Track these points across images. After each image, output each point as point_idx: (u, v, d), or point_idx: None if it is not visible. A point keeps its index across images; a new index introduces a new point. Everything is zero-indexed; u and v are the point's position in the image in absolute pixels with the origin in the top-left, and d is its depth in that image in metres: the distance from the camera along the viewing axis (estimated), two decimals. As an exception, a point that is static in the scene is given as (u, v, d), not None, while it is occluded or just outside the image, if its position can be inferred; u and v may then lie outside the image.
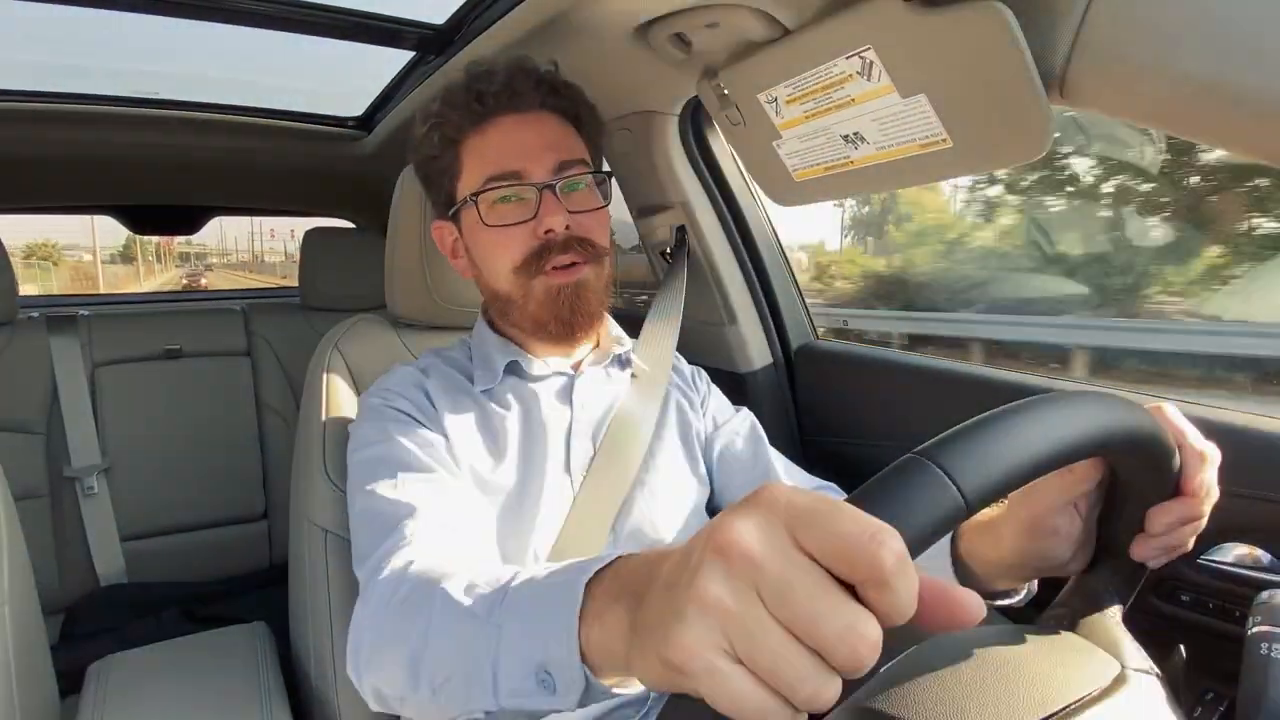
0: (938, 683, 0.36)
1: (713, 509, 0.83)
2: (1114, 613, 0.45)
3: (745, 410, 0.89)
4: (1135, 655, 0.41)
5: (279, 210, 2.36)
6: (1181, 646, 0.48)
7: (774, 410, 1.18)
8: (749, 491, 0.74)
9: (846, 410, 1.12)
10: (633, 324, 0.92)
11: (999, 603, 0.60)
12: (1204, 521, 0.45)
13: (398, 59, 1.26)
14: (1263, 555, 0.66)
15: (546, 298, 0.72)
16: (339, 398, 0.89)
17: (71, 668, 1.12)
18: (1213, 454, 0.45)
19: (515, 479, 0.72)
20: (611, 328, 0.85)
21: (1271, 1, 0.45)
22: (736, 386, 1.18)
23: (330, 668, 0.81)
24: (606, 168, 0.82)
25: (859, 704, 0.37)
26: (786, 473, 0.82)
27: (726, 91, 0.87)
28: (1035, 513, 0.50)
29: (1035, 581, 0.58)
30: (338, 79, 1.49)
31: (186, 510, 1.65)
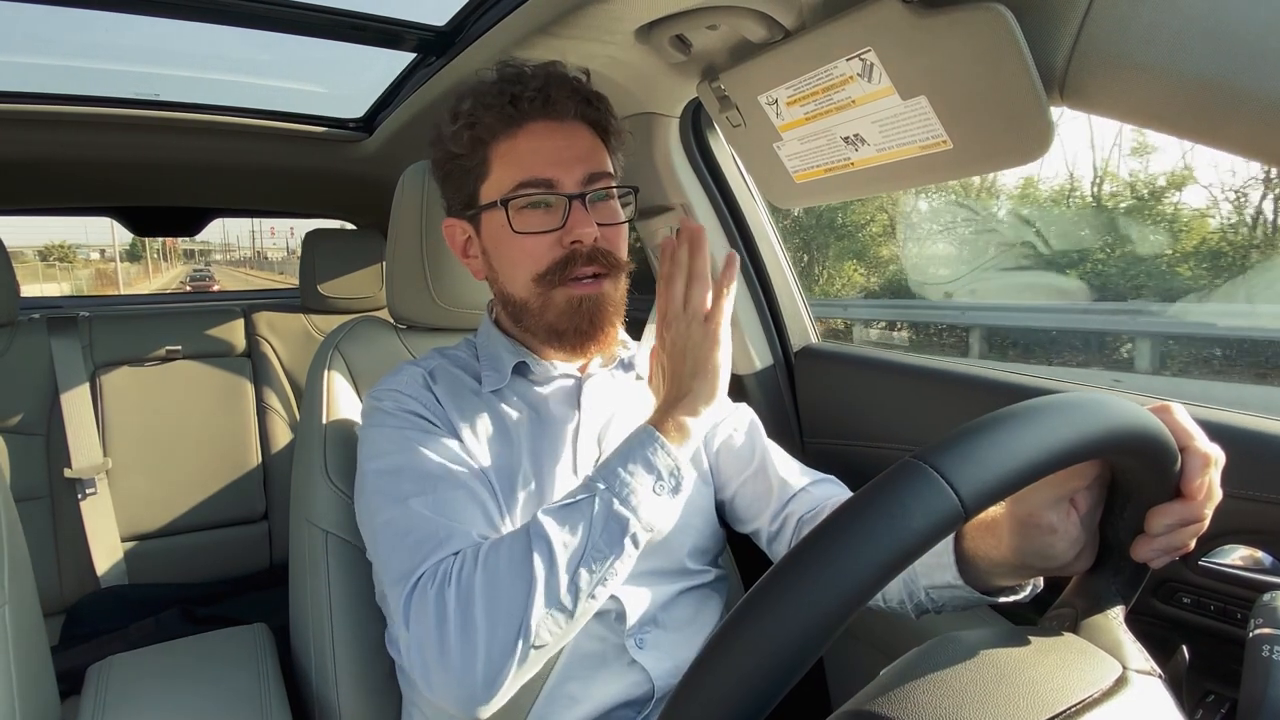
0: (938, 685, 0.36)
1: (718, 506, 0.83)
2: (1116, 613, 0.45)
3: (744, 406, 0.89)
4: (1137, 657, 0.41)
5: (280, 212, 2.36)
6: (1184, 647, 0.48)
7: (774, 412, 1.18)
8: (747, 487, 0.76)
9: (847, 412, 1.12)
10: (633, 325, 0.92)
11: (1005, 599, 0.60)
12: (1205, 524, 0.45)
13: (399, 61, 1.26)
14: (1264, 557, 0.66)
15: (568, 308, 0.71)
16: (340, 399, 0.89)
17: (72, 669, 1.12)
18: (1218, 457, 0.45)
19: (524, 481, 0.72)
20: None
21: (1272, 3, 0.45)
22: (737, 388, 1.18)
23: (331, 669, 0.81)
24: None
25: (859, 706, 0.36)
26: (783, 466, 0.82)
27: (727, 93, 0.88)
28: (1027, 510, 0.50)
29: (1041, 577, 0.58)
30: (339, 81, 1.49)
31: (187, 511, 1.65)
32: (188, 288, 27.28)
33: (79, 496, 1.54)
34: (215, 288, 24.53)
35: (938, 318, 8.35)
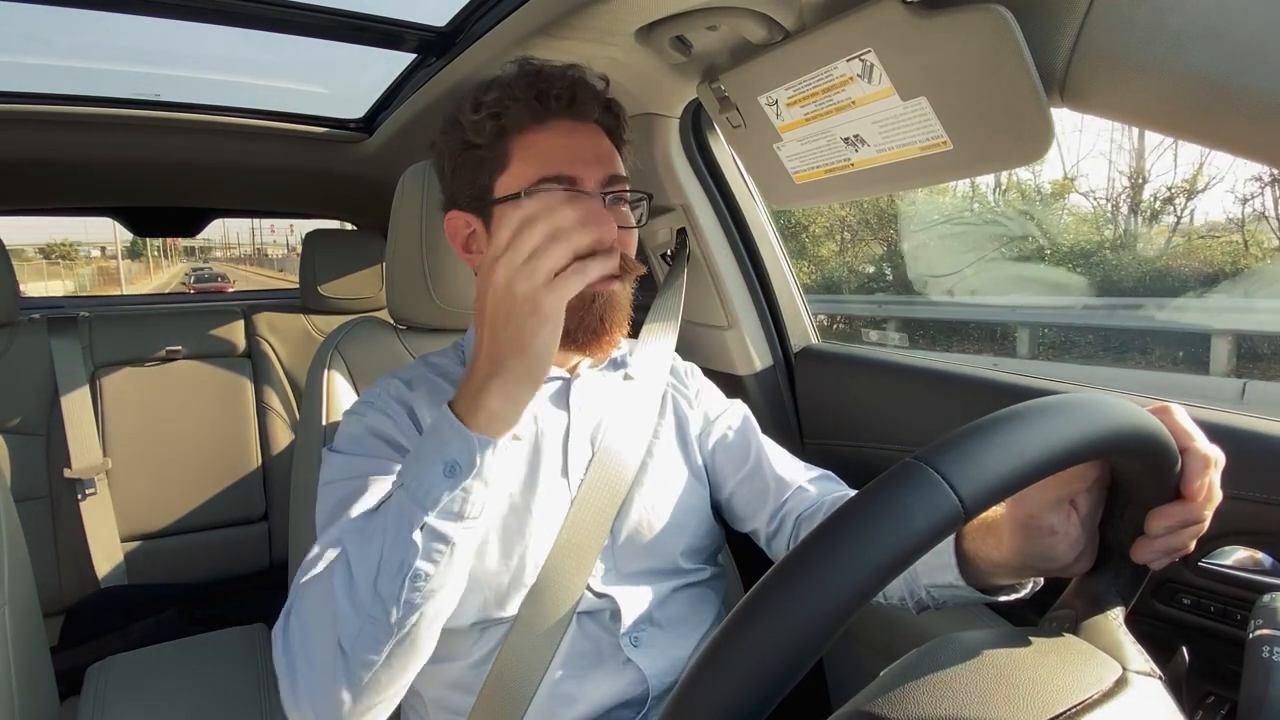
0: (938, 686, 0.36)
1: (715, 506, 0.83)
2: (1116, 615, 0.45)
3: (737, 402, 0.89)
4: (1137, 658, 0.41)
5: (280, 213, 2.37)
6: (1184, 649, 0.48)
7: (775, 413, 1.18)
8: (744, 486, 0.73)
9: (847, 413, 1.12)
10: (631, 325, 0.92)
11: (1005, 598, 0.60)
12: (1205, 525, 0.45)
13: (399, 61, 1.26)
14: (1264, 558, 0.66)
15: (580, 304, 0.70)
16: (339, 400, 0.89)
17: (71, 669, 1.12)
18: (1218, 458, 0.45)
19: (509, 486, 0.71)
20: None
21: (1272, 4, 0.45)
22: (737, 389, 1.18)
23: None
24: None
25: (859, 707, 0.36)
26: (779, 462, 0.82)
27: (727, 94, 0.88)
28: (1027, 511, 0.50)
29: (1041, 577, 0.58)
30: (339, 81, 1.49)
31: (187, 512, 1.65)
32: (191, 289, 22.81)
33: (79, 497, 1.54)
34: (230, 289, 19.15)
35: (859, 310, 10.35)
